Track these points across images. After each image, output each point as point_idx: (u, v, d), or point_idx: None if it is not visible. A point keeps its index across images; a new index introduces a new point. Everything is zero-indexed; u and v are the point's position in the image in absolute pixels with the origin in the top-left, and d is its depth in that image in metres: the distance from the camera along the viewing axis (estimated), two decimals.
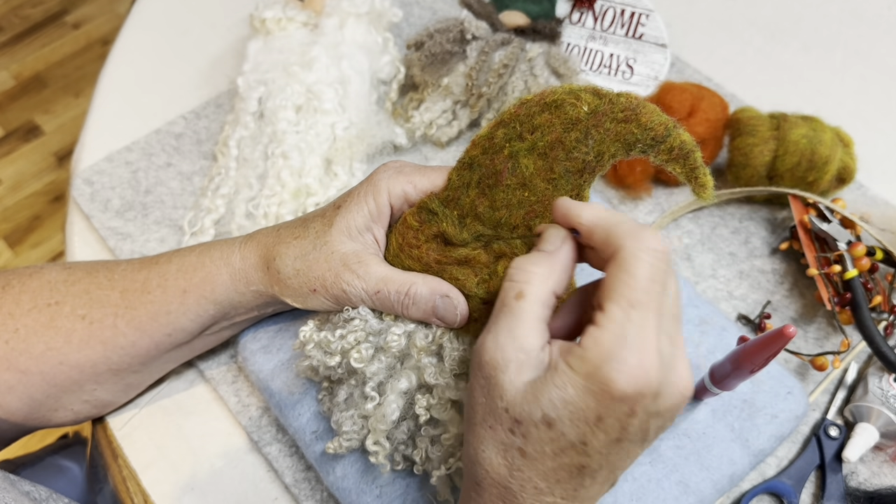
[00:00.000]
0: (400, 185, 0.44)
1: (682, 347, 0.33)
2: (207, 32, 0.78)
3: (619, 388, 0.31)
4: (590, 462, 0.33)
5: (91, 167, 0.66)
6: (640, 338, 0.31)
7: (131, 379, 0.51)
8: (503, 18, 0.68)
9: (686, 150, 0.39)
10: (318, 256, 0.44)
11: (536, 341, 0.34)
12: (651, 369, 0.31)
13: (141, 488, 0.52)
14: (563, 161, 0.41)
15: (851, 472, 0.52)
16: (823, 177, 0.59)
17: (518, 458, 0.34)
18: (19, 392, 0.47)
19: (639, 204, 0.64)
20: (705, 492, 0.48)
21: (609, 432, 0.32)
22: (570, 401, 0.32)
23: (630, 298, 0.32)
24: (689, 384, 0.33)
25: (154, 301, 0.48)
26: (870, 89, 0.73)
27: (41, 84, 1.90)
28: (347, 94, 0.64)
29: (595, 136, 0.40)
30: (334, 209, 0.46)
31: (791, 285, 0.60)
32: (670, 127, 0.39)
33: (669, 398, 0.32)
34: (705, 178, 0.39)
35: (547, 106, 0.41)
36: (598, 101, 0.40)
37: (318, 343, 0.45)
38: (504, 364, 0.34)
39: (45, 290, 0.48)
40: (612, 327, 0.32)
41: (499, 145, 0.42)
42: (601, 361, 0.31)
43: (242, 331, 0.54)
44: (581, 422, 0.32)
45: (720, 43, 0.76)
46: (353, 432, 0.44)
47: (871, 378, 0.53)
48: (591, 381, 0.32)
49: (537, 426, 0.33)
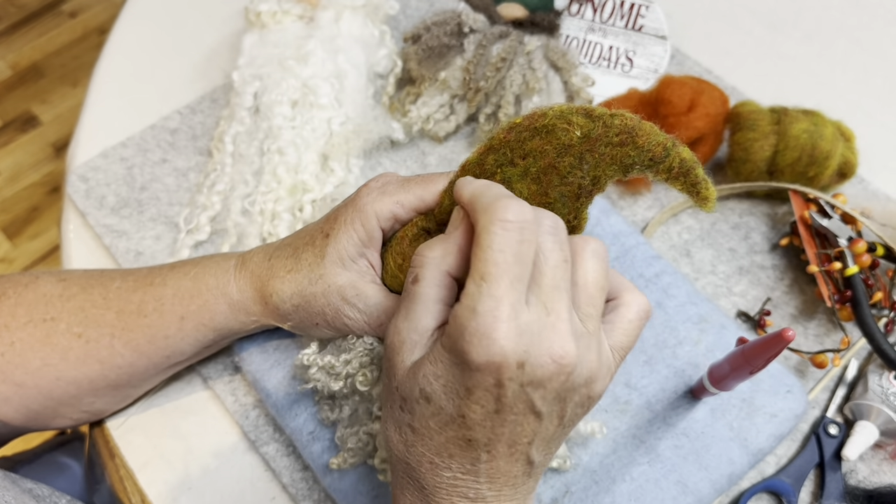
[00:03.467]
0: (387, 206, 0.43)
1: (559, 315, 0.33)
2: (202, 25, 0.77)
3: (472, 358, 0.32)
4: (475, 435, 0.34)
5: (86, 163, 0.66)
6: (489, 309, 0.32)
7: (129, 392, 0.51)
8: (501, 11, 0.67)
9: (686, 168, 0.38)
10: (315, 292, 0.43)
11: (430, 322, 0.36)
12: (503, 339, 0.31)
13: (138, 487, 0.52)
14: (558, 186, 0.39)
15: (851, 471, 0.52)
16: (824, 172, 0.59)
17: (410, 434, 0.36)
18: (15, 403, 0.47)
19: (638, 199, 0.63)
20: (704, 491, 0.48)
21: (483, 404, 0.33)
22: (440, 375, 0.33)
23: (481, 271, 0.32)
24: (565, 351, 0.33)
25: (151, 325, 0.47)
26: (872, 81, 0.72)
27: (38, 74, 1.89)
28: (344, 89, 0.64)
29: (590, 160, 0.38)
30: (323, 238, 0.44)
31: (791, 281, 0.59)
32: (669, 147, 0.38)
33: (539, 367, 0.32)
34: (707, 191, 0.38)
35: (537, 131, 0.39)
36: (591, 125, 0.38)
37: (323, 367, 0.45)
38: (399, 346, 0.36)
39: (40, 305, 0.48)
40: (465, 301, 0.32)
41: (490, 171, 0.40)
42: (458, 335, 0.32)
43: None
44: (453, 395, 0.33)
45: (721, 34, 0.75)
46: (359, 448, 0.45)
47: (872, 376, 0.53)
48: (453, 355, 0.33)
49: (418, 401, 0.34)
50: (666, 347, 0.52)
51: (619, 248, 0.56)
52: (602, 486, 0.48)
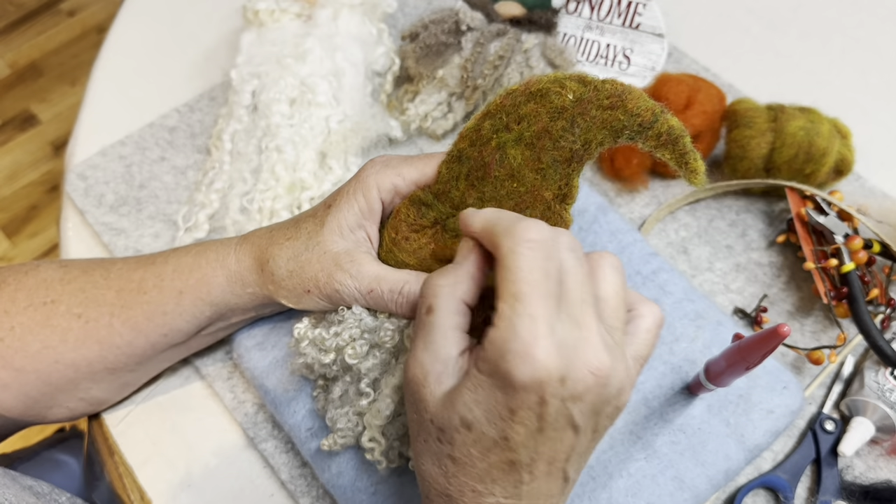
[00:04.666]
0: (389, 178, 0.44)
1: (590, 328, 0.33)
2: (201, 23, 0.77)
3: (518, 378, 0.32)
4: (518, 457, 0.34)
5: (85, 161, 0.66)
6: (527, 327, 0.32)
7: (127, 378, 0.51)
8: (498, 9, 0.68)
9: (675, 136, 0.39)
10: (310, 257, 0.44)
11: (452, 350, 0.35)
12: (545, 356, 0.32)
13: (137, 485, 0.52)
14: (551, 150, 0.41)
15: (847, 467, 0.52)
16: (821, 169, 0.59)
17: (450, 465, 0.35)
18: (14, 390, 0.47)
19: (635, 197, 0.64)
20: (700, 487, 0.48)
21: (527, 423, 0.33)
22: (482, 400, 0.33)
23: (513, 293, 0.33)
24: (601, 363, 0.33)
25: (150, 301, 0.48)
26: (869, 78, 0.72)
27: (37, 73, 1.89)
28: (342, 87, 0.64)
29: (581, 124, 0.40)
30: (325, 208, 0.46)
31: (788, 278, 0.60)
32: (657, 112, 0.39)
33: (580, 381, 0.33)
34: (695, 163, 0.39)
35: (532, 95, 0.41)
36: (583, 89, 0.40)
37: (313, 340, 0.45)
38: (423, 378, 0.35)
39: (40, 289, 0.48)
40: (502, 324, 0.33)
41: (486, 137, 0.42)
42: (498, 357, 0.32)
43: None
44: (496, 418, 0.33)
45: (718, 31, 0.75)
46: (348, 429, 0.45)
47: (868, 372, 0.53)
48: (494, 378, 0.33)
49: (458, 430, 0.34)
50: (663, 344, 0.52)
51: (616, 246, 0.56)
52: (599, 481, 0.48)
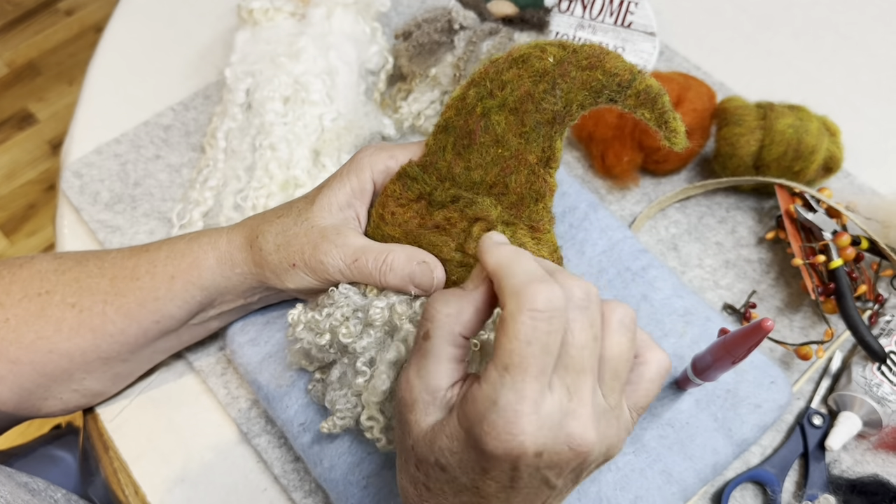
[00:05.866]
0: (382, 160, 0.45)
1: (582, 399, 0.32)
2: (196, 22, 0.77)
3: (489, 449, 0.31)
4: (489, 502, 0.34)
5: (80, 159, 0.66)
6: (510, 402, 0.31)
7: (120, 368, 0.51)
8: (491, 7, 0.68)
9: (653, 95, 0.40)
10: (297, 231, 0.45)
11: (442, 382, 0.35)
12: (522, 434, 0.31)
13: (132, 480, 0.52)
14: (534, 113, 0.42)
15: (834, 461, 0.52)
16: (810, 166, 0.59)
17: (424, 492, 0.36)
18: (9, 382, 0.48)
19: (626, 194, 0.64)
20: (688, 481, 0.48)
21: (499, 481, 0.33)
22: (456, 451, 0.33)
23: (505, 362, 0.31)
24: (583, 439, 0.32)
25: (142, 287, 0.48)
26: (858, 76, 0.73)
27: (34, 72, 1.89)
28: (335, 85, 0.64)
29: (562, 85, 0.41)
30: (317, 189, 0.47)
31: (777, 275, 0.60)
32: (635, 72, 0.40)
33: (557, 454, 0.32)
34: (675, 122, 0.40)
35: (515, 61, 0.42)
36: (563, 52, 0.41)
37: (307, 323, 0.45)
38: (412, 403, 0.35)
39: (35, 280, 0.49)
40: (486, 388, 0.32)
41: (471, 105, 0.43)
42: (475, 421, 0.32)
43: (231, 323, 0.54)
44: (469, 470, 0.33)
45: (709, 30, 0.76)
46: (347, 410, 0.45)
47: (855, 367, 0.53)
48: (470, 437, 0.32)
49: (433, 467, 0.34)
50: None
51: (606, 243, 0.57)
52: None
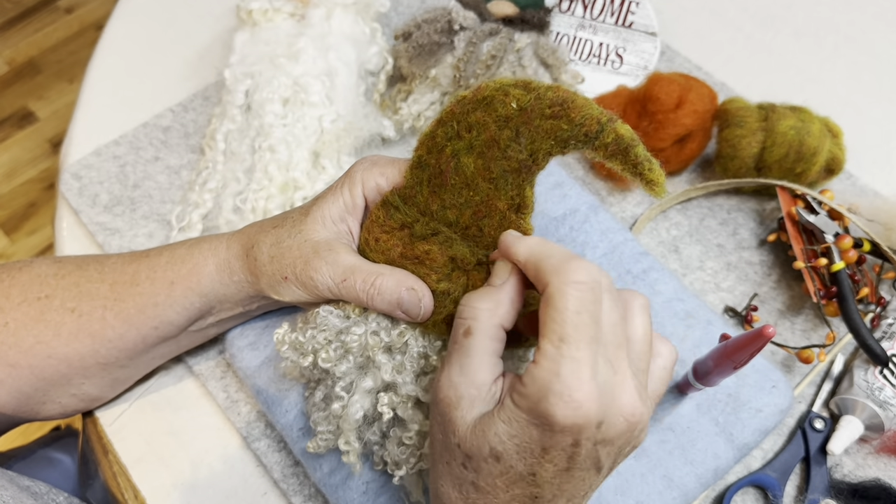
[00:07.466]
0: (373, 177, 0.45)
1: (624, 373, 0.34)
2: (195, 23, 0.77)
3: (558, 421, 0.32)
4: (542, 492, 0.34)
5: (79, 161, 0.66)
6: (572, 371, 0.32)
7: (119, 373, 0.51)
8: (491, 8, 0.68)
9: (624, 146, 0.37)
10: (291, 244, 0.45)
11: (487, 376, 0.35)
12: (587, 400, 0.32)
13: (131, 483, 0.52)
14: (500, 160, 0.40)
15: (836, 465, 0.52)
16: (811, 168, 0.59)
17: (472, 492, 0.35)
18: (8, 386, 0.48)
19: (627, 196, 0.64)
20: (689, 486, 0.48)
21: (557, 462, 0.33)
22: (515, 434, 0.33)
23: (559, 333, 0.32)
24: (634, 409, 0.34)
25: (142, 293, 0.48)
26: (860, 77, 0.72)
27: (34, 70, 1.89)
28: (335, 86, 0.64)
29: (526, 134, 0.39)
30: (312, 202, 0.47)
31: (778, 277, 0.60)
32: (603, 122, 0.37)
33: (614, 426, 0.33)
34: (651, 173, 0.37)
35: (479, 103, 0.39)
36: (526, 97, 0.38)
37: (291, 344, 0.45)
38: (456, 401, 0.35)
39: (35, 284, 0.49)
40: (545, 364, 0.32)
41: (440, 144, 0.41)
42: (539, 397, 0.32)
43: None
44: (527, 454, 0.33)
45: (711, 30, 0.75)
46: (328, 432, 0.45)
47: (857, 371, 0.53)
48: (532, 416, 0.33)
49: (486, 460, 0.34)
50: None
51: (607, 245, 0.56)
52: None
